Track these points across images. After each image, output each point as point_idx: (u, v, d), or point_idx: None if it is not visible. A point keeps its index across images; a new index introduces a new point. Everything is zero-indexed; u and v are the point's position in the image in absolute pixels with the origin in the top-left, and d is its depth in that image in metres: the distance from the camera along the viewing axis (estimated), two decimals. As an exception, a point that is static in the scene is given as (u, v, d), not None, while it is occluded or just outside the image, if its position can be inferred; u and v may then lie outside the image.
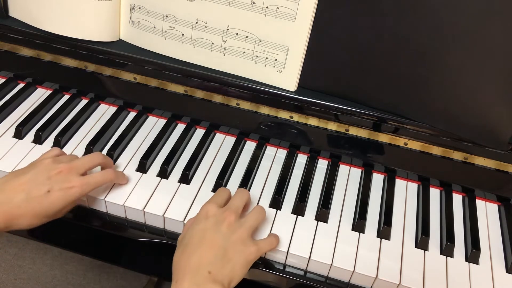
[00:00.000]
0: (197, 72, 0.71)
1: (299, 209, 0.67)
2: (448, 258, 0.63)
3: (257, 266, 0.62)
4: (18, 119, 0.77)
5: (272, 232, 0.63)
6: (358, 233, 0.65)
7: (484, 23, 0.57)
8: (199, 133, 0.78)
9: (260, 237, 0.62)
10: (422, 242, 0.64)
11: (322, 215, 0.66)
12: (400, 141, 0.70)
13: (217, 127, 0.78)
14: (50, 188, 0.57)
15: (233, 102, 0.74)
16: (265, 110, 0.73)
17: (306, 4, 0.62)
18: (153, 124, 0.79)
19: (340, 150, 0.74)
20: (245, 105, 0.73)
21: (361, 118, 0.69)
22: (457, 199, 0.72)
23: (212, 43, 0.69)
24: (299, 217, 0.66)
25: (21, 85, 0.84)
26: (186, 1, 0.67)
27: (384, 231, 0.65)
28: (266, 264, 0.63)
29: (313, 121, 0.72)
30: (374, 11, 0.61)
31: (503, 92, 0.61)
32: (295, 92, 0.69)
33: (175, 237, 0.62)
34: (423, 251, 0.64)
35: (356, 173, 0.74)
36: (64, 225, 0.61)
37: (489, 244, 0.66)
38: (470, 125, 0.64)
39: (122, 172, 0.68)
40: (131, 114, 0.80)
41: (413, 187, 0.73)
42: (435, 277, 0.61)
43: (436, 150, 0.69)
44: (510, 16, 0.56)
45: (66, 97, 0.83)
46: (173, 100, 0.77)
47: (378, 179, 0.74)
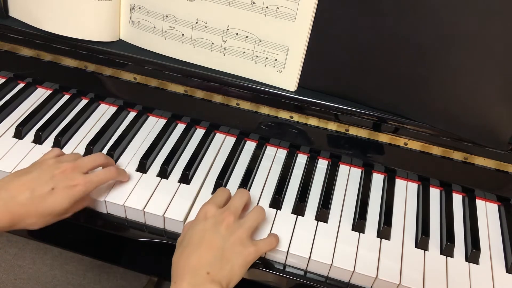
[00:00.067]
0: (197, 72, 0.71)
1: (299, 209, 0.67)
2: (448, 258, 0.63)
3: (257, 266, 0.62)
4: (18, 119, 0.77)
5: (272, 232, 0.63)
6: (358, 233, 0.65)
7: (484, 23, 0.57)
8: (199, 133, 0.78)
9: (260, 237, 0.62)
10: (422, 242, 0.64)
11: (322, 215, 0.66)
12: (400, 141, 0.70)
13: (217, 127, 0.78)
14: (55, 186, 0.57)
15: (233, 102, 0.74)
16: (265, 110, 0.73)
17: (306, 4, 0.62)
18: (153, 124, 0.79)
19: (340, 150, 0.74)
20: (245, 105, 0.73)
21: (361, 118, 0.69)
22: (457, 199, 0.72)
23: (212, 43, 0.69)
24: (299, 217, 0.66)
25: (21, 85, 0.84)
26: (186, 1, 0.67)
27: (384, 231, 0.65)
28: (266, 264, 0.63)
29: (313, 121, 0.72)
30: (374, 11, 0.61)
31: (503, 92, 0.61)
32: (295, 92, 0.69)
33: (175, 237, 0.62)
34: (423, 251, 0.64)
35: (356, 173, 0.74)
36: (64, 225, 0.61)
37: (489, 244, 0.66)
38: (470, 125, 0.64)
39: (123, 169, 0.68)
40: (131, 114, 0.80)
41: (413, 187, 0.73)
42: (435, 277, 0.61)
43: (436, 150, 0.69)
44: (510, 16, 0.56)
45: (66, 97, 0.83)
46: (173, 100, 0.77)
47: (378, 179, 0.74)
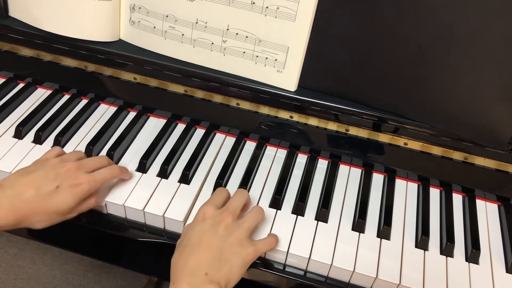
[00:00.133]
0: (197, 72, 0.71)
1: (299, 209, 0.67)
2: (448, 258, 0.63)
3: (256, 266, 0.62)
4: (18, 119, 0.77)
5: (272, 232, 0.63)
6: (358, 233, 0.65)
7: (484, 23, 0.57)
8: (199, 133, 0.78)
9: (260, 237, 0.62)
10: (422, 242, 0.64)
11: (322, 215, 0.66)
12: (400, 141, 0.70)
13: (217, 127, 0.78)
14: (59, 184, 0.58)
15: (233, 102, 0.74)
16: (265, 110, 0.73)
17: (306, 4, 0.62)
18: (153, 124, 0.79)
19: (340, 150, 0.74)
20: (245, 105, 0.73)
21: (361, 118, 0.69)
22: (457, 199, 0.72)
23: (212, 43, 0.69)
24: (299, 217, 0.66)
25: (21, 85, 0.84)
26: (186, 1, 0.67)
27: (384, 231, 0.65)
28: (266, 264, 0.63)
29: (313, 121, 0.72)
30: (374, 11, 0.61)
31: (503, 92, 0.61)
32: (295, 92, 0.69)
33: (175, 237, 0.62)
34: (423, 251, 0.64)
35: (356, 173, 0.74)
36: (64, 225, 0.61)
37: (489, 244, 0.66)
38: (470, 125, 0.64)
39: (126, 167, 0.68)
40: (131, 114, 0.80)
41: (413, 187, 0.73)
42: (435, 277, 0.61)
43: (436, 150, 0.69)
44: (510, 16, 0.56)
45: (66, 97, 0.83)
46: (173, 100, 0.77)
47: (378, 179, 0.74)
